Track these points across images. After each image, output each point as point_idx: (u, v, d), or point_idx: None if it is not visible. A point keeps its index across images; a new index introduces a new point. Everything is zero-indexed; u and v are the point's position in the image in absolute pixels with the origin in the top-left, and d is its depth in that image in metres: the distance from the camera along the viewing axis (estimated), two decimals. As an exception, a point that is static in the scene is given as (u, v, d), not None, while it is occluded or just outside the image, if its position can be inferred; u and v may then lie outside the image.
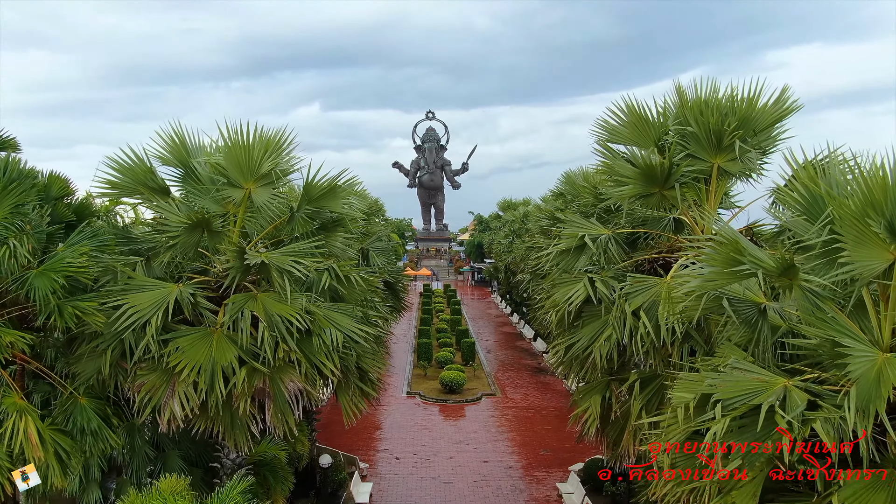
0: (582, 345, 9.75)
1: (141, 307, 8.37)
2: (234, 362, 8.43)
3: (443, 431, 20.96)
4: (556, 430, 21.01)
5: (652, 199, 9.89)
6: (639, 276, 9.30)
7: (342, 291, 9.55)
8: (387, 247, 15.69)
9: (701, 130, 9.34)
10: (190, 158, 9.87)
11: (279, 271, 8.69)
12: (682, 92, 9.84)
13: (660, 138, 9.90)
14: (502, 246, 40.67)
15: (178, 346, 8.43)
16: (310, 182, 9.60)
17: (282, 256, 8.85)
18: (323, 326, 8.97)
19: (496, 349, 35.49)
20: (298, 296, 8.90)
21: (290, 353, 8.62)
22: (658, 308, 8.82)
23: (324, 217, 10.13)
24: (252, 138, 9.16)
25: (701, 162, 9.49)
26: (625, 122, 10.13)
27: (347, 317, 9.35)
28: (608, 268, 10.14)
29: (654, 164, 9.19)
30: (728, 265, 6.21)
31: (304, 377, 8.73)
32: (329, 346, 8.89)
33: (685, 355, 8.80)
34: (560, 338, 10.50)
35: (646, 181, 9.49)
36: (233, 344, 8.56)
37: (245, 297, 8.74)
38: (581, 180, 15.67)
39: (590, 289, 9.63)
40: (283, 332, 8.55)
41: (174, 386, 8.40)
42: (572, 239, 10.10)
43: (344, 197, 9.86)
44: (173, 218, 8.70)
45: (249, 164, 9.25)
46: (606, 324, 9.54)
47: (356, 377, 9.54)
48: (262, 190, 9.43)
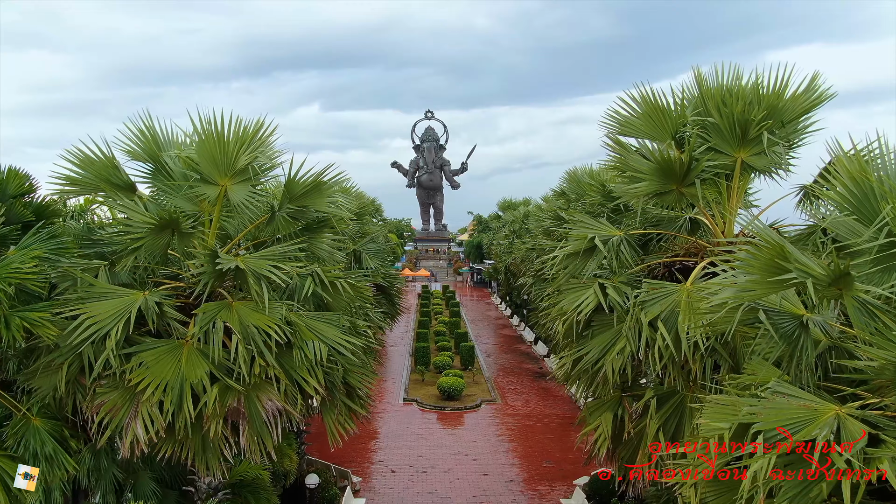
0: (592, 357, 8.85)
1: (100, 317, 7.47)
2: (206, 379, 7.54)
3: (440, 441, 20.06)
4: (558, 440, 20.13)
5: (668, 197, 9.00)
6: (655, 283, 8.41)
7: (327, 299, 8.65)
8: (381, 248, 14.80)
9: (724, 121, 8.46)
10: (161, 153, 9.00)
11: (256, 277, 7.81)
12: (701, 80, 8.96)
13: (677, 130, 9.02)
14: (502, 247, 39.75)
15: (142, 361, 7.54)
16: (292, 178, 8.71)
17: (259, 261, 7.97)
18: (305, 338, 8.07)
19: (496, 353, 34.60)
20: (278, 304, 8.02)
21: (268, 368, 7.73)
22: (678, 318, 7.95)
23: (308, 217, 9.24)
24: (227, 130, 8.28)
25: (723, 156, 8.62)
26: (638, 113, 9.24)
27: (333, 327, 8.46)
28: (620, 272, 9.25)
29: (672, 158, 8.30)
30: (770, 273, 5.32)
31: (284, 395, 7.83)
32: (312, 361, 7.99)
33: (708, 371, 7.92)
34: (567, 349, 9.61)
35: (662, 177, 8.61)
36: (204, 358, 7.66)
37: (218, 306, 7.85)
38: (587, 178, 14.81)
39: (601, 296, 8.73)
40: (259, 344, 7.66)
41: (137, 406, 7.49)
42: (581, 241, 9.20)
43: (330, 195, 8.97)
44: (137, 217, 7.80)
45: (224, 158, 8.37)
46: (619, 335, 8.65)
47: (343, 394, 8.65)
48: (239, 187, 8.55)
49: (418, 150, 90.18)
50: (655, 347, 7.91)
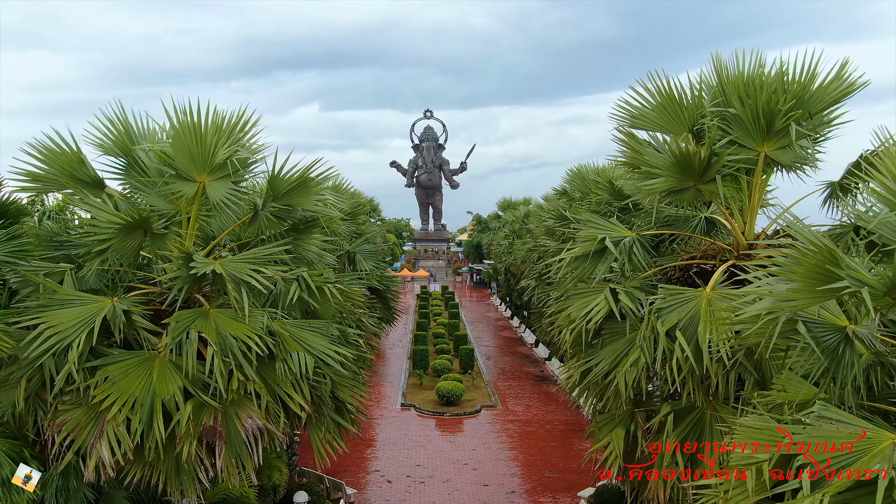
0: (602, 368, 8.15)
1: (62, 327, 6.77)
2: (179, 395, 6.83)
3: (439, 449, 19.35)
4: (561, 448, 19.42)
5: (685, 194, 8.30)
6: (673, 288, 7.71)
7: (314, 306, 7.94)
8: (376, 249, 14.09)
9: (747, 112, 7.77)
10: (135, 146, 8.29)
11: (235, 282, 7.11)
12: (721, 67, 8.26)
13: (695, 122, 8.31)
14: (502, 247, 39.03)
15: (108, 375, 6.83)
16: (276, 175, 8.02)
17: (238, 264, 7.27)
18: (289, 349, 7.37)
19: (496, 355, 33.88)
20: (259, 312, 7.32)
21: (248, 383, 7.03)
22: (697, 326, 7.25)
23: (295, 216, 8.54)
24: (205, 121, 7.57)
25: (746, 150, 7.92)
26: (652, 104, 8.54)
27: (320, 336, 7.76)
28: (632, 276, 8.56)
29: (691, 152, 7.60)
30: (817, 280, 4.62)
31: (266, 412, 7.13)
32: (297, 374, 7.29)
33: (731, 385, 7.23)
34: (575, 359, 8.91)
35: (680, 173, 7.90)
36: (177, 372, 6.96)
37: (193, 314, 7.14)
38: (592, 175, 14.12)
39: (612, 302, 8.03)
40: (238, 357, 6.96)
41: (103, 425, 6.79)
42: (590, 242, 8.49)
43: (318, 192, 8.27)
44: (103, 216, 7.09)
45: (202, 152, 7.67)
46: (632, 344, 7.95)
47: (331, 409, 7.94)
48: (218, 184, 7.84)
49: (417, 150, 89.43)
50: (673, 359, 7.22)
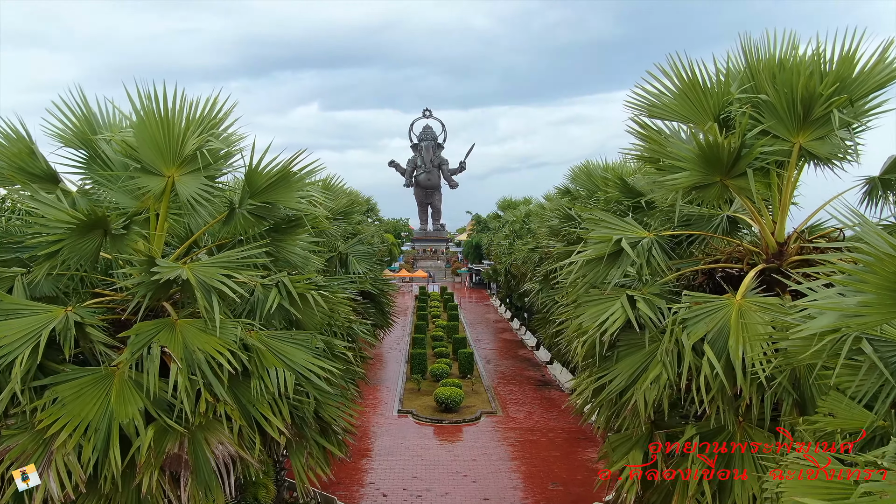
0: (618, 385, 7.31)
1: (5, 341, 5.91)
2: (139, 418, 5.99)
3: (437, 459, 18.51)
4: (565, 458, 18.59)
5: (710, 190, 7.46)
6: (698, 296, 6.87)
7: (296, 315, 7.09)
8: (370, 251, 13.25)
9: (781, 98, 6.93)
10: (97, 137, 7.45)
11: (205, 289, 6.27)
12: (750, 49, 7.43)
13: (721, 110, 7.48)
14: (502, 247, 38.19)
15: (58, 396, 5.99)
16: (253, 168, 7.18)
17: (209, 268, 6.43)
18: (267, 365, 6.53)
19: (496, 358, 33.04)
20: (232, 323, 6.47)
21: (219, 404, 6.19)
22: (728, 339, 6.41)
23: (276, 215, 7.70)
24: (172, 107, 6.73)
25: (780, 141, 7.09)
26: (672, 91, 7.71)
27: (303, 350, 6.92)
28: (651, 282, 7.72)
29: (720, 143, 6.76)
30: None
31: (238, 437, 6.28)
32: (275, 392, 6.44)
33: (767, 405, 6.38)
34: (587, 373, 8.07)
35: (706, 167, 7.06)
36: (138, 392, 6.12)
37: (156, 326, 6.29)
38: (601, 171, 13.28)
39: (629, 310, 7.19)
40: (207, 374, 6.11)
41: (51, 454, 5.94)
42: (604, 244, 7.66)
43: (301, 188, 7.42)
44: (53, 215, 6.24)
45: (170, 142, 6.83)
46: (651, 358, 7.12)
47: (315, 431, 7.09)
48: (189, 178, 7.00)
49: (416, 149, 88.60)
50: (701, 376, 6.37)
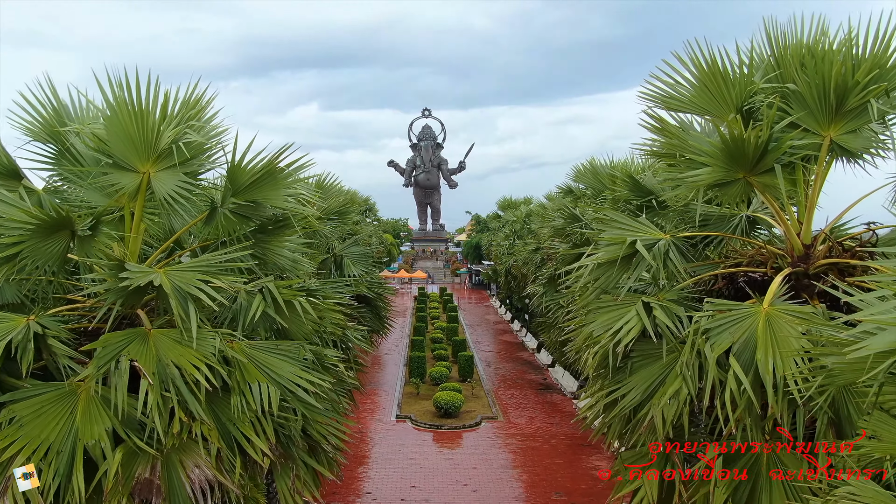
0: (632, 400, 6.73)
1: (-43, 354, 5.33)
2: (106, 440, 5.40)
3: (436, 467, 17.92)
4: (569, 465, 18.00)
5: (732, 188, 6.88)
6: (722, 303, 6.29)
7: (282, 324, 6.51)
8: (366, 252, 12.66)
9: (811, 87, 6.36)
10: (67, 130, 6.87)
11: (181, 296, 5.69)
12: (775, 37, 6.87)
13: (744, 101, 6.91)
14: (503, 248, 37.61)
15: (16, 415, 5.40)
16: (236, 164, 6.60)
17: (186, 273, 5.85)
18: (249, 379, 5.94)
19: (496, 361, 32.45)
20: (210, 333, 5.88)
21: (195, 423, 5.60)
22: (756, 351, 5.83)
23: (262, 215, 7.11)
24: (146, 97, 6.15)
25: (810, 135, 6.51)
26: (690, 80, 7.14)
27: (290, 362, 6.33)
28: (667, 287, 7.14)
29: (746, 137, 6.17)
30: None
31: (217, 460, 5.69)
32: (258, 409, 5.86)
33: (801, 425, 5.80)
34: (598, 384, 7.49)
35: (730, 162, 6.49)
36: (106, 410, 5.53)
37: (126, 337, 5.70)
38: (607, 169, 12.71)
39: (645, 319, 6.61)
40: (182, 391, 5.53)
41: (9, 479, 5.35)
42: (617, 246, 7.08)
43: (288, 185, 6.84)
44: (12, 214, 5.65)
45: (144, 135, 6.25)
46: (669, 370, 6.55)
47: (303, 450, 6.51)
48: (166, 175, 6.42)
49: (415, 149, 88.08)
50: (727, 392, 5.79)
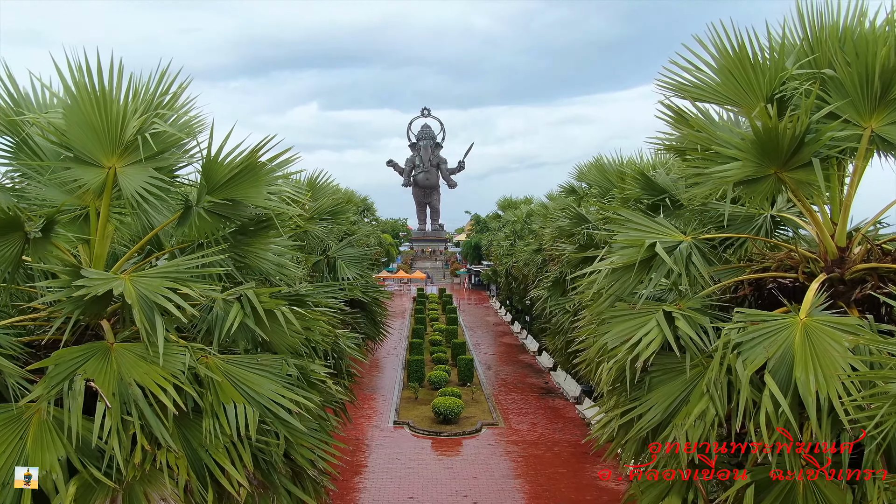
0: (651, 419, 6.07)
1: None
2: (58, 470, 4.74)
3: (435, 477, 17.27)
4: (573, 475, 17.36)
5: (761, 185, 6.22)
6: (755, 313, 5.64)
7: (262, 337, 5.84)
8: (361, 254, 12.00)
9: (853, 74, 5.70)
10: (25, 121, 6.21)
11: (147, 306, 5.04)
12: (811, 18, 6.22)
13: (775, 89, 6.25)
14: (503, 248, 36.99)
15: (-46, 442, 4.75)
16: (212, 158, 5.94)
17: (153, 280, 5.20)
18: (223, 399, 5.28)
19: (496, 364, 31.80)
20: (178, 349, 5.23)
21: (160, 451, 4.94)
22: (794, 369, 5.18)
23: (243, 214, 6.46)
24: (110, 81, 5.51)
25: (851, 126, 5.86)
26: (714, 67, 6.49)
27: (271, 378, 5.68)
28: (689, 295, 6.49)
29: (781, 128, 5.52)
30: None
31: (186, 492, 5.03)
32: (234, 434, 5.20)
33: (846, 454, 5.14)
34: (613, 399, 6.83)
35: (761, 157, 5.83)
36: (60, 436, 4.88)
37: (83, 353, 5.04)
38: (616, 166, 12.06)
39: (667, 330, 5.96)
40: (147, 413, 4.88)
41: (-54, 515, 4.70)
42: (634, 249, 6.43)
43: (270, 182, 6.19)
44: (-49, 214, 4.99)
45: (108, 126, 5.60)
46: (692, 386, 5.90)
47: (286, 477, 5.84)
48: (134, 170, 5.78)
49: (414, 149, 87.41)
50: (762, 413, 5.14)
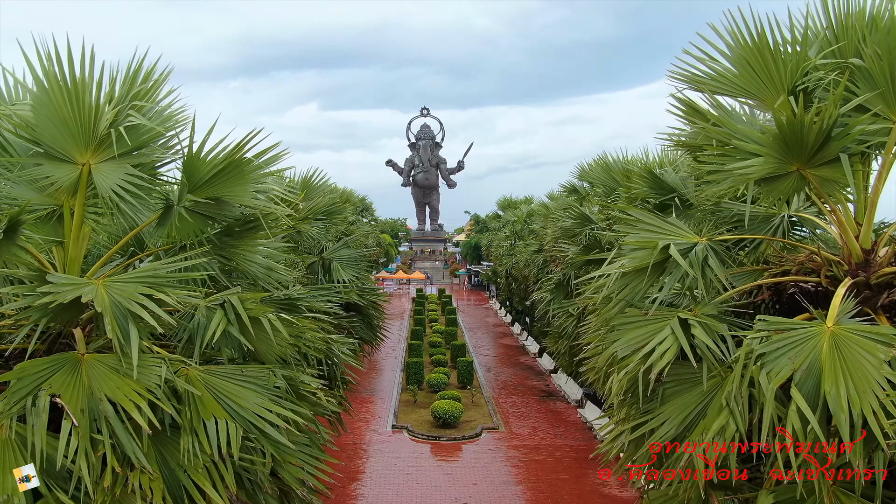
0: (665, 434, 5.67)
1: None
2: (18, 495, 4.34)
3: (435, 484, 16.85)
4: (575, 481, 16.95)
5: (783, 183, 5.81)
6: (779, 321, 5.23)
7: (247, 346, 5.43)
8: (357, 256, 11.58)
9: (883, 64, 5.30)
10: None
11: (120, 314, 4.63)
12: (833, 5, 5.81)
13: (797, 81, 5.85)
14: (503, 248, 36.57)
15: None
16: (194, 154, 5.53)
17: (127, 285, 4.80)
18: (204, 415, 4.87)
19: (497, 366, 31.39)
20: (154, 360, 4.82)
21: (133, 473, 4.54)
22: (823, 382, 4.78)
23: (228, 214, 6.05)
24: (82, 71, 5.10)
25: (880, 119, 5.45)
26: (730, 56, 6.09)
27: (256, 391, 5.27)
28: (704, 300, 6.08)
29: (807, 121, 5.11)
30: None
31: (162, 517, 4.62)
32: (215, 453, 4.79)
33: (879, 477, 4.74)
34: (623, 411, 6.42)
35: (783, 152, 5.43)
36: (24, 456, 4.47)
37: (49, 365, 4.64)
38: (621, 164, 11.65)
39: (683, 338, 5.55)
40: (119, 431, 4.47)
41: None
42: (647, 251, 6.02)
43: (257, 179, 5.78)
44: None
45: (81, 119, 5.20)
46: (711, 400, 5.49)
47: (272, 497, 5.42)
48: (109, 167, 5.38)
49: (413, 148, 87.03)
50: (789, 430, 4.73)
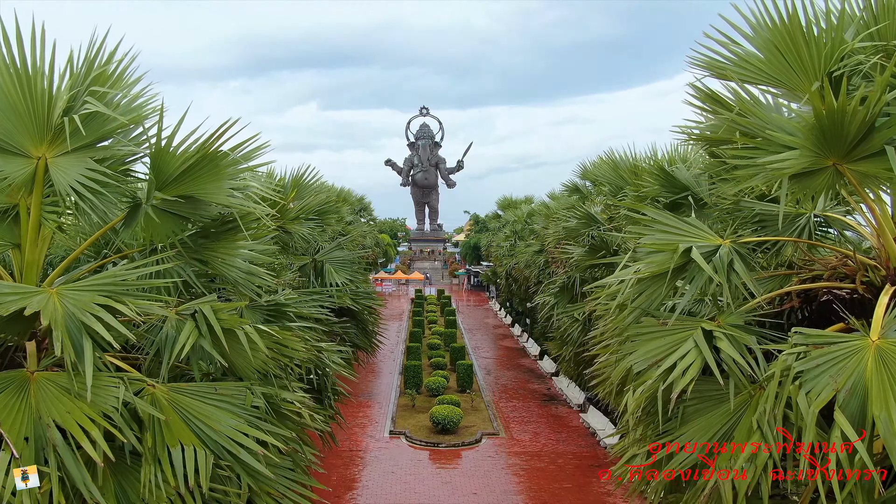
0: (686, 459, 5.10)
1: None
2: (-47, 536, 3.78)
3: (434, 493, 16.28)
4: (578, 490, 16.38)
5: (817, 179, 5.24)
6: (817, 333, 4.66)
7: (221, 362, 4.85)
8: (351, 258, 11.02)
9: (931, 44, 4.74)
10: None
11: (74, 326, 4.06)
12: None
13: (832, 66, 5.29)
14: (503, 249, 36.02)
15: None
16: (163, 148, 4.96)
17: (83, 294, 4.23)
18: (169, 441, 4.30)
19: (496, 369, 30.81)
20: (112, 380, 4.25)
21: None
22: (870, 404, 4.21)
23: (203, 214, 5.47)
24: (32, 54, 4.53)
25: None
26: (758, 41, 5.53)
27: (230, 411, 4.70)
28: (728, 309, 5.51)
29: (850, 110, 4.54)
30: None
31: (119, 559, 4.06)
32: (181, 484, 4.22)
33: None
34: (640, 429, 5.85)
35: (820, 145, 4.85)
36: (-41, 489, 3.90)
37: (-9, 386, 4.07)
38: (630, 161, 11.08)
39: (707, 352, 4.98)
40: (67, 462, 3.90)
41: None
42: (666, 255, 5.45)
43: (234, 175, 5.21)
44: None
45: (33, 107, 4.64)
46: (739, 421, 4.93)
47: (249, 531, 4.85)
48: (68, 161, 4.82)
49: (413, 148, 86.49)
50: (833, 460, 4.17)
